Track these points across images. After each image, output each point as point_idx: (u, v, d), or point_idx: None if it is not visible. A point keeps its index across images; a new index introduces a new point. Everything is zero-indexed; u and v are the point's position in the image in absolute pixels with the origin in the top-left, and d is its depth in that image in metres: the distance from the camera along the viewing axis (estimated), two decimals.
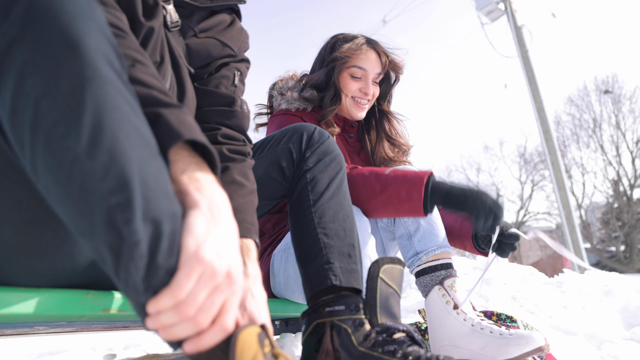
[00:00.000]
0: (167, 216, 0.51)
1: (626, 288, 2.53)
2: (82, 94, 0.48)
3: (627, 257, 19.22)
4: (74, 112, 0.47)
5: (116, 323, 0.98)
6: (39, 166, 0.49)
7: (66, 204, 0.49)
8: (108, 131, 0.48)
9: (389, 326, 0.91)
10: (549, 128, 10.28)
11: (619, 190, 19.69)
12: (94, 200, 0.48)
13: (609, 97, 19.70)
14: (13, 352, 2.12)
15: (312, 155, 1.11)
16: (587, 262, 9.91)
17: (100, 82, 0.49)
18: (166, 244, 0.51)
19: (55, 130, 0.47)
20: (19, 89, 0.48)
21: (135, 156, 0.50)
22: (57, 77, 0.47)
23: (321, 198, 1.06)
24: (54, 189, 0.49)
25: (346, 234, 1.03)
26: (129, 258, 0.49)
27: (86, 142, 0.47)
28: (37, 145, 0.48)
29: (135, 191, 0.49)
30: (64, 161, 0.47)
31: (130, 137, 0.50)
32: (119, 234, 0.48)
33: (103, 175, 0.48)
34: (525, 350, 1.13)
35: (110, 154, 0.48)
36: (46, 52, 0.48)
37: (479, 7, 11.13)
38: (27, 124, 0.48)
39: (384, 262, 0.96)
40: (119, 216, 0.48)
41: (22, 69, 0.48)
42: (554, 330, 1.95)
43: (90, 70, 0.49)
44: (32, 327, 0.79)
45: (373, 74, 1.60)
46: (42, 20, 0.48)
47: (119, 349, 2.18)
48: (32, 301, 0.63)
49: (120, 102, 0.51)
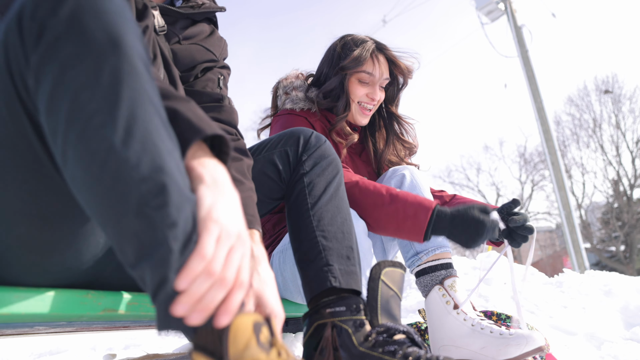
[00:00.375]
0: (190, 201, 0.55)
1: (626, 288, 2.53)
2: (120, 87, 0.52)
3: (627, 257, 19.23)
4: (112, 103, 0.51)
5: (116, 323, 0.99)
6: (70, 154, 0.52)
7: (95, 192, 0.52)
8: (141, 123, 0.53)
9: (389, 327, 0.91)
10: (549, 128, 10.28)
11: (619, 190, 19.69)
12: (126, 187, 0.51)
13: (609, 97, 19.70)
14: (13, 352, 2.12)
15: (308, 159, 1.11)
16: (587, 262, 9.89)
17: (136, 77, 0.53)
18: (191, 227, 0.54)
19: (93, 120, 0.51)
20: (60, 80, 0.51)
21: (164, 147, 0.54)
22: (98, 70, 0.51)
23: (319, 201, 1.06)
24: (83, 177, 0.52)
25: (344, 237, 1.04)
26: (160, 243, 0.51)
27: (122, 132, 0.51)
28: (71, 133, 0.51)
29: (166, 178, 0.53)
30: (99, 149, 0.51)
31: (159, 129, 0.55)
32: (149, 220, 0.51)
33: (136, 163, 0.51)
34: (525, 350, 1.13)
35: (143, 144, 0.52)
36: (89, 47, 0.51)
37: (479, 7, 11.13)
38: (63, 113, 0.51)
39: (385, 264, 0.97)
40: (151, 202, 0.51)
41: (65, 62, 0.51)
42: (554, 330, 1.95)
43: (128, 65, 0.53)
44: (32, 327, 0.79)
45: (381, 80, 1.59)
46: (87, 18, 0.52)
47: (119, 349, 2.18)
48: (32, 301, 0.63)
49: (151, 96, 0.55)
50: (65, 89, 0.51)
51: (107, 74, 0.51)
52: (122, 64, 0.52)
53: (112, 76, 0.52)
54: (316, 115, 1.57)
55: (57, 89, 0.51)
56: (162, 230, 0.52)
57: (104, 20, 0.52)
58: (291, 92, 1.60)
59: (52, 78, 0.51)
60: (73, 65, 0.51)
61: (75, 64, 0.51)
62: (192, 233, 0.54)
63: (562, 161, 10.34)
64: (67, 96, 0.51)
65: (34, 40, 0.52)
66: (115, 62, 0.52)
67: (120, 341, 2.27)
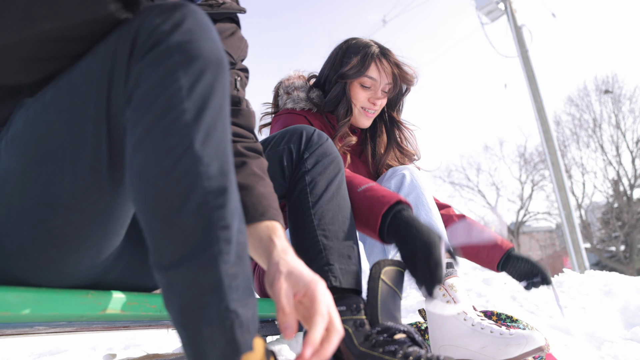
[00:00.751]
0: (239, 216, 0.61)
1: (626, 288, 2.53)
2: (210, 98, 0.60)
3: (627, 257, 19.22)
4: (201, 109, 0.58)
5: (116, 323, 0.99)
6: (146, 145, 0.57)
7: (159, 185, 0.57)
8: (218, 132, 0.60)
9: (389, 326, 0.91)
10: (549, 128, 10.27)
11: (619, 190, 19.69)
12: (193, 184, 0.56)
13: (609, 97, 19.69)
14: (13, 352, 2.12)
15: (310, 156, 1.11)
16: (587, 262, 9.89)
17: (223, 94, 0.62)
18: (241, 238, 0.60)
19: (181, 118, 0.57)
20: (160, 82, 0.58)
21: (230, 159, 0.62)
22: (197, 80, 0.59)
23: (320, 200, 1.06)
24: (151, 169, 0.57)
25: (345, 236, 1.03)
26: (211, 243, 0.56)
27: (202, 135, 0.58)
28: (157, 127, 0.57)
29: (228, 184, 0.59)
30: (178, 144, 0.57)
31: (229, 142, 0.62)
32: (205, 219, 0.56)
33: (208, 163, 0.57)
34: (525, 350, 1.13)
35: (216, 149, 0.59)
36: (196, 60, 0.59)
37: (479, 7, 11.12)
38: (155, 108, 0.57)
39: (385, 263, 0.96)
40: (211, 202, 0.57)
41: (171, 68, 0.58)
42: (554, 330, 1.95)
43: (221, 82, 0.61)
44: (32, 327, 0.79)
45: (383, 84, 1.58)
46: (199, 37, 0.60)
47: (119, 349, 2.18)
48: (32, 301, 0.63)
49: (227, 112, 0.63)
50: (163, 88, 0.57)
51: (203, 84, 0.59)
52: (219, 79, 0.61)
53: (207, 87, 0.59)
54: (316, 115, 1.57)
55: (155, 89, 0.58)
56: (215, 230, 0.56)
57: (211, 40, 0.61)
58: (292, 92, 1.60)
59: (154, 80, 0.58)
60: (177, 71, 0.58)
61: (179, 70, 0.58)
62: (243, 248, 0.60)
63: (562, 161, 10.33)
64: (164, 94, 0.57)
65: (146, 50, 0.59)
66: (213, 76, 0.60)
67: (120, 341, 2.27)
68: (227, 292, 0.56)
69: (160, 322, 1.10)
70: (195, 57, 0.59)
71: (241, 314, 0.57)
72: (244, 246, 0.61)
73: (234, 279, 0.57)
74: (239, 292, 0.57)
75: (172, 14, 0.60)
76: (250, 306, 0.59)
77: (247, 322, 0.57)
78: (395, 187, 1.49)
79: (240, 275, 0.58)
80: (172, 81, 0.58)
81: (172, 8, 0.60)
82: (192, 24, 0.60)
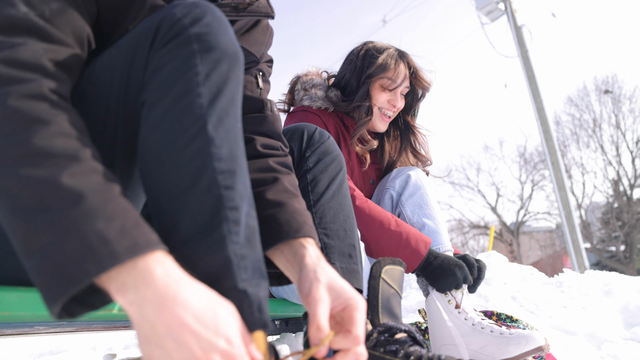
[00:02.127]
0: (250, 200, 0.64)
1: (626, 288, 2.53)
2: (225, 86, 0.63)
3: (627, 257, 19.20)
4: (215, 96, 0.61)
5: (116, 323, 0.98)
6: (161, 127, 0.60)
7: (170, 165, 0.59)
8: (230, 119, 0.63)
9: (390, 326, 0.91)
10: (549, 128, 10.27)
11: (619, 190, 19.67)
12: (204, 164, 0.59)
13: (609, 97, 19.68)
14: (13, 352, 2.12)
15: (312, 155, 1.11)
16: (587, 262, 9.88)
17: (237, 84, 0.65)
18: (250, 222, 0.62)
19: (196, 101, 0.60)
20: (177, 67, 0.61)
21: (241, 145, 0.64)
22: (214, 68, 0.62)
23: (321, 198, 1.05)
24: (164, 149, 0.59)
25: (347, 235, 1.03)
26: (222, 220, 0.58)
27: (215, 119, 0.61)
28: (172, 108, 0.59)
29: (239, 168, 0.62)
30: (192, 126, 0.59)
31: (239, 130, 0.65)
32: (214, 198, 0.58)
33: (219, 145, 0.60)
34: (525, 350, 1.13)
35: (227, 134, 0.62)
36: (214, 50, 0.63)
37: (479, 7, 11.12)
38: (172, 92, 0.60)
39: (385, 262, 0.96)
40: (221, 182, 0.59)
41: (189, 55, 0.62)
42: (554, 330, 1.95)
43: (236, 73, 0.65)
44: (32, 327, 0.79)
45: (402, 87, 1.60)
46: (218, 30, 0.64)
47: (119, 349, 2.18)
48: (32, 301, 0.63)
49: (239, 102, 0.66)
50: (181, 73, 0.60)
51: (218, 73, 0.62)
52: (233, 70, 0.64)
53: (222, 76, 0.62)
54: (331, 115, 1.57)
55: (174, 73, 0.60)
56: (224, 211, 0.58)
57: (228, 35, 0.65)
58: (310, 89, 1.60)
59: (173, 65, 0.61)
60: (194, 57, 0.61)
61: (196, 57, 0.61)
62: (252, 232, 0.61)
63: (562, 161, 10.33)
64: (182, 79, 0.60)
65: (168, 39, 0.62)
66: (228, 66, 0.63)
67: (120, 341, 2.26)
68: (236, 271, 0.58)
69: None
70: (212, 47, 0.62)
71: (250, 293, 0.58)
72: (254, 230, 0.62)
73: (242, 259, 0.59)
74: (247, 273, 0.59)
75: (192, 9, 0.63)
76: (261, 286, 0.60)
77: (257, 301, 0.58)
78: (400, 186, 1.49)
79: (250, 256, 0.60)
80: (190, 67, 0.60)
81: (193, 5, 0.64)
82: (210, 19, 0.63)
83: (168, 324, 0.48)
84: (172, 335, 0.48)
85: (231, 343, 0.51)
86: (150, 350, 0.49)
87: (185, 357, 0.48)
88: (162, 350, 0.48)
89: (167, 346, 0.48)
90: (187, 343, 0.48)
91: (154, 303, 0.48)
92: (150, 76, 0.62)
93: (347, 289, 0.69)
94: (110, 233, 0.48)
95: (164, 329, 0.48)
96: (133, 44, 0.65)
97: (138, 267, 0.49)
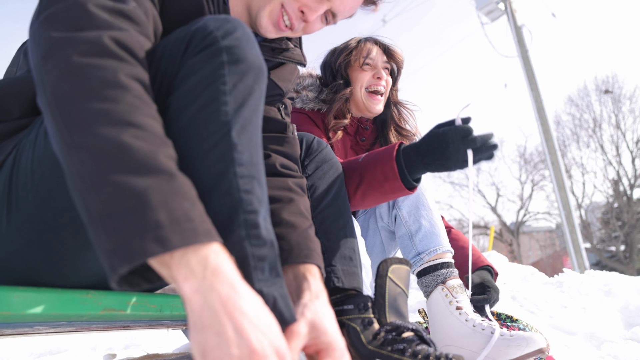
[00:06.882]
0: (267, 206, 0.67)
1: (626, 288, 2.53)
2: (250, 97, 0.66)
3: (627, 257, 19.21)
4: (240, 105, 0.65)
5: (116, 323, 0.98)
6: (187, 129, 0.63)
7: (195, 165, 0.62)
8: (252, 128, 0.66)
9: (398, 325, 0.91)
10: (549, 128, 10.27)
11: (619, 190, 19.68)
12: (226, 168, 0.62)
13: (609, 97, 19.68)
14: (13, 352, 2.12)
15: (311, 163, 1.14)
16: (587, 261, 9.89)
17: (260, 97, 0.69)
18: (268, 225, 0.65)
19: (222, 109, 0.63)
20: (206, 76, 0.64)
21: (260, 153, 0.68)
22: (240, 79, 0.66)
23: (321, 204, 1.08)
24: (187, 155, 0.62)
25: (346, 239, 1.05)
26: (241, 223, 0.61)
27: (239, 126, 0.64)
28: (200, 114, 0.63)
29: (258, 174, 0.65)
30: (217, 131, 0.63)
31: (260, 140, 0.68)
32: (234, 201, 0.62)
33: (241, 151, 0.63)
34: (525, 352, 1.13)
35: (249, 141, 0.65)
36: (242, 62, 0.67)
37: (479, 7, 11.12)
38: (200, 100, 0.63)
39: (392, 262, 0.97)
40: (242, 186, 0.62)
41: (218, 65, 0.65)
42: (554, 330, 1.95)
43: (260, 86, 0.69)
44: (32, 327, 0.79)
45: (381, 62, 1.63)
46: (246, 44, 0.68)
47: (119, 349, 2.18)
48: (32, 301, 0.63)
49: (260, 113, 0.69)
50: (209, 82, 0.64)
51: (244, 84, 0.66)
52: (258, 82, 0.68)
53: (247, 87, 0.66)
54: (324, 116, 1.58)
55: (204, 81, 0.64)
56: (243, 214, 0.61)
57: (255, 50, 0.69)
58: (301, 90, 1.62)
59: (203, 73, 0.64)
60: (223, 68, 0.64)
61: (225, 68, 0.64)
62: (268, 233, 0.64)
63: (562, 161, 10.33)
64: (209, 87, 0.63)
65: (200, 49, 0.65)
66: (254, 79, 0.67)
67: (120, 341, 2.27)
68: (253, 272, 0.61)
69: (160, 322, 1.10)
70: (240, 60, 0.66)
71: (266, 293, 0.61)
72: (271, 232, 0.66)
73: (260, 260, 0.61)
74: (264, 273, 0.62)
75: (224, 24, 0.67)
76: (277, 285, 0.63)
77: (273, 300, 0.61)
78: None
79: (268, 257, 0.62)
80: (219, 76, 0.64)
81: (225, 20, 0.68)
82: (240, 34, 0.67)
83: (230, 312, 0.51)
84: (233, 324, 0.50)
85: (281, 341, 0.54)
86: (206, 338, 0.50)
87: (242, 345, 0.50)
88: (220, 337, 0.50)
89: (226, 334, 0.50)
90: (246, 333, 0.50)
91: (221, 293, 0.51)
92: (180, 82, 0.65)
93: (330, 331, 0.70)
94: (194, 214, 0.53)
95: (226, 317, 0.50)
96: (167, 50, 0.68)
97: (212, 249, 0.53)
